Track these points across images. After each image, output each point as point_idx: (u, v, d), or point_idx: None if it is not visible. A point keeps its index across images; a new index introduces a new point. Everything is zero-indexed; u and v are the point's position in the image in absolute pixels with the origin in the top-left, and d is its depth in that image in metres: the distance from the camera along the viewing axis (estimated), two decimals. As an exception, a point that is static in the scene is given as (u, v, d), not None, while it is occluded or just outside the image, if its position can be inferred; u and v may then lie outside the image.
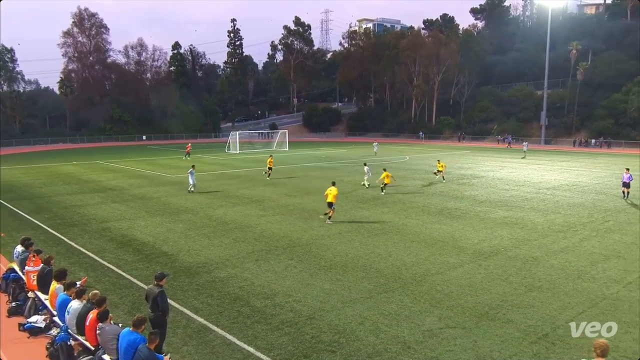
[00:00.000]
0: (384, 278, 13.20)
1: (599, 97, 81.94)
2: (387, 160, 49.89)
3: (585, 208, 23.34)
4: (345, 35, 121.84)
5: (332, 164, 45.54)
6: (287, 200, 25.48)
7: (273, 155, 37.74)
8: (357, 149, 69.53)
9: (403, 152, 63.42)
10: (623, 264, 14.32)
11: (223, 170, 41.14)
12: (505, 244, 16.59)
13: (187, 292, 12.35)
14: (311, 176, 35.88)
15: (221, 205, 24.11)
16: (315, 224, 19.73)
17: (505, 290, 12.24)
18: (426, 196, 26.84)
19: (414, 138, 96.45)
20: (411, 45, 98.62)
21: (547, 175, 36.75)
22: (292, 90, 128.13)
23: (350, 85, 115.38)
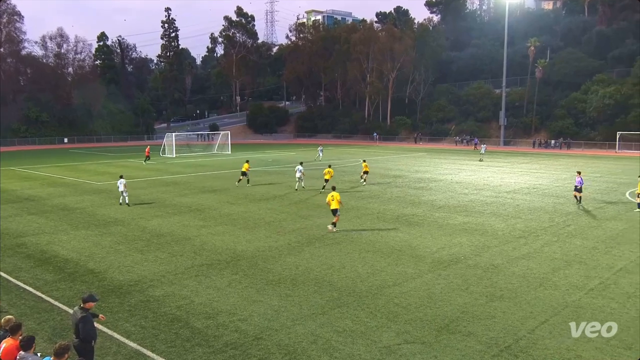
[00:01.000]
0: (337, 292, 13.27)
1: (558, 96, 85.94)
2: (340, 164, 50.29)
3: (546, 212, 24.34)
4: (293, 28, 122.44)
5: (280, 168, 45.46)
6: (230, 209, 25.22)
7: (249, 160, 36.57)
8: (307, 151, 69.74)
9: (356, 154, 64.13)
10: (585, 270, 15.02)
11: (157, 176, 40.26)
12: (465, 252, 17.06)
13: (117, 314, 11.97)
14: (256, 182, 35.67)
15: (156, 216, 23.57)
16: (261, 235, 19.60)
17: (465, 301, 12.57)
18: (382, 202, 27.23)
19: (368, 139, 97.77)
20: (364, 39, 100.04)
21: (507, 178, 38.10)
22: (234, 87, 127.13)
23: (298, 83, 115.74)
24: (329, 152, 65.90)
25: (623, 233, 19.82)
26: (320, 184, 32.27)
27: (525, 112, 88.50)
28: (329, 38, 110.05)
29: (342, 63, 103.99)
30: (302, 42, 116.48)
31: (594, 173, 41.92)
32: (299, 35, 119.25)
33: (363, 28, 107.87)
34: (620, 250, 17.22)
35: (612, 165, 48.34)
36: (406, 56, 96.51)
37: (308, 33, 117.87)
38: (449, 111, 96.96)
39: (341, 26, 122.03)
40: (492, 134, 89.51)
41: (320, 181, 32.89)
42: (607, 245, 17.83)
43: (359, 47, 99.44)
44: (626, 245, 17.81)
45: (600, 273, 14.72)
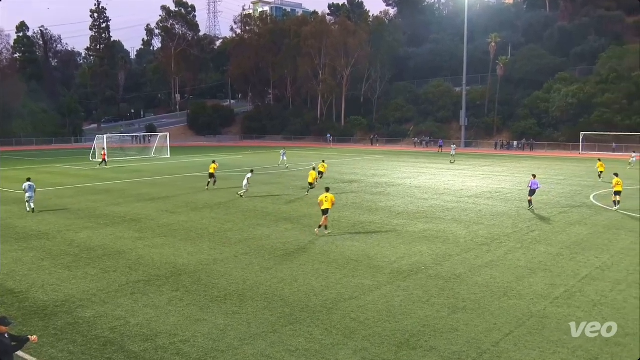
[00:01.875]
0: (289, 307, 13.24)
1: (520, 94, 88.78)
2: (291, 167, 50.27)
3: (510, 217, 25.06)
4: (238, 20, 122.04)
5: (225, 173, 45.06)
6: (169, 219, 24.81)
7: (216, 160, 37.48)
8: (255, 154, 69.45)
9: (308, 157, 64.25)
10: (550, 278, 15.53)
11: (87, 183, 39.21)
12: (426, 261, 17.34)
13: (41, 339, 11.55)
14: (199, 188, 35.24)
15: (85, 227, 22.93)
16: (205, 246, 19.36)
17: (427, 314, 12.77)
18: (336, 209, 27.35)
19: (321, 141, 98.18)
20: (315, 33, 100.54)
21: (468, 182, 39.01)
22: (173, 84, 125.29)
23: (244, 80, 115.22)
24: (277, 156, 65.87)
25: (588, 238, 20.61)
26: (293, 190, 32.16)
27: (487, 112, 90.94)
28: (277, 31, 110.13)
29: (292, 58, 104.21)
30: (249, 35, 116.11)
31: (557, 176, 43.48)
32: (244, 28, 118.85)
33: (314, 21, 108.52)
34: (585, 256, 17.89)
35: (575, 168, 50.28)
36: (361, 51, 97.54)
37: (255, 26, 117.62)
38: (407, 111, 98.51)
39: (291, 18, 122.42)
40: (452, 135, 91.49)
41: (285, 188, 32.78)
42: (572, 252, 18.49)
43: (311, 42, 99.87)
44: (591, 251, 18.52)
45: (565, 281, 15.25)
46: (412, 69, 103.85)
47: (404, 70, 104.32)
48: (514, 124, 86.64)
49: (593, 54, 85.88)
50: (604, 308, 13.05)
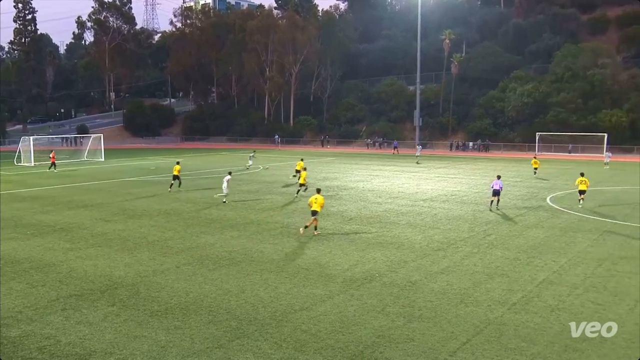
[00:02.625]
0: (236, 320, 13.14)
1: (475, 94, 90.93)
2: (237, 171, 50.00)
3: (466, 221, 25.59)
4: (178, 13, 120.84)
5: (166, 178, 44.38)
6: (104, 227, 24.25)
7: (180, 162, 38.42)
8: (198, 157, 68.67)
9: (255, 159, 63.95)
10: (507, 283, 15.93)
11: (11, 189, 37.94)
12: (380, 268, 17.51)
13: (-40, 363, 11.10)
14: (136, 194, 34.60)
15: (10, 238, 22.16)
16: (143, 257, 19.01)
17: (381, 324, 12.88)
18: (286, 214, 27.35)
19: (269, 142, 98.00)
20: (262, 28, 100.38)
21: (423, 185, 39.66)
22: (107, 81, 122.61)
23: (185, 77, 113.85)
24: (221, 158, 65.35)
25: (545, 241, 21.25)
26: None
27: (442, 112, 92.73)
28: (221, 25, 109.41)
29: (237, 55, 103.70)
30: (190, 29, 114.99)
31: (514, 177, 44.69)
32: (185, 22, 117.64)
33: (261, 15, 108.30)
34: (542, 260, 18.44)
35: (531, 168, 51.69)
36: (310, 48, 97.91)
37: (196, 19, 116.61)
38: (359, 110, 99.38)
39: (235, 12, 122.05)
40: (406, 135, 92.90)
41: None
42: (529, 255, 19.03)
43: (257, 37, 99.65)
44: (548, 255, 19.10)
45: (522, 286, 15.67)
46: (364, 66, 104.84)
47: (355, 67, 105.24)
48: (469, 124, 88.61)
49: (548, 52, 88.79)
50: (561, 313, 13.47)
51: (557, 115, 79.18)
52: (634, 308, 13.77)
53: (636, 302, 14.20)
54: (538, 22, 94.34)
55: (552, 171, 49.90)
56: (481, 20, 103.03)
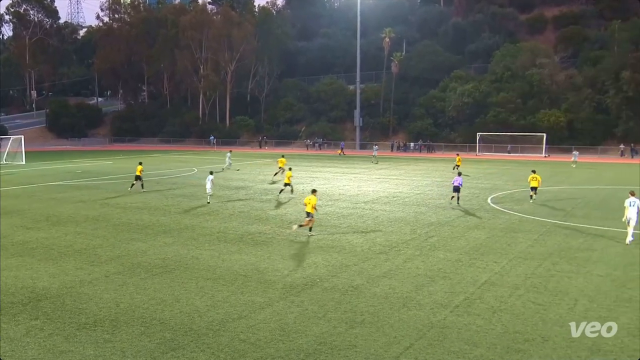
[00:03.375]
0: (170, 331, 12.92)
1: (415, 93, 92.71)
2: (170, 174, 49.23)
3: (408, 223, 26.01)
4: (105, 7, 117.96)
5: (93, 182, 43.30)
6: (25, 235, 23.40)
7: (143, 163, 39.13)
8: (128, 159, 67.25)
9: (189, 162, 63.18)
10: (449, 285, 16.27)
11: None
12: (321, 273, 17.57)
13: None
14: (60, 199, 33.58)
15: None
16: (69, 266, 18.45)
17: (323, 330, 12.93)
18: (222, 218, 27.10)
19: (204, 144, 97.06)
20: (195, 23, 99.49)
21: (364, 187, 40.08)
22: (28, 79, 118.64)
23: (114, 74, 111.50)
24: (154, 161, 64.29)
25: (486, 243, 21.83)
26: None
27: (382, 112, 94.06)
28: (151, 20, 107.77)
29: (170, 51, 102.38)
30: (118, 24, 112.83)
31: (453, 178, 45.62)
32: (113, 16, 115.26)
33: (194, 10, 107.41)
34: (484, 261, 18.93)
35: (473, 169, 53.09)
36: (247, 45, 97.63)
37: (125, 13, 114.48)
38: (298, 110, 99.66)
39: (167, 6, 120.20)
40: (347, 135, 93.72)
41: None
42: (471, 257, 19.50)
43: (190, 33, 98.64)
44: (490, 256, 19.63)
45: (464, 288, 16.04)
46: (302, 64, 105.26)
47: (294, 66, 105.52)
48: (410, 124, 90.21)
49: (488, 51, 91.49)
50: (503, 314, 13.86)
51: (497, 115, 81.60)
52: (574, 307, 14.30)
53: (576, 301, 14.76)
54: (477, 21, 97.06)
55: (493, 171, 51.34)
56: (421, 19, 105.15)
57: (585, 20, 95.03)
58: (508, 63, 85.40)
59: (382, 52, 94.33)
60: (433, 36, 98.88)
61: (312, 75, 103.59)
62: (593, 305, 14.40)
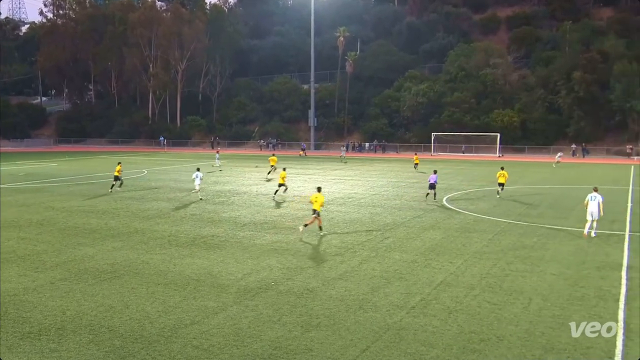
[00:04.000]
0: (120, 339, 12.71)
1: (370, 93, 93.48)
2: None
3: (363, 224, 26.18)
4: (49, 3, 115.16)
5: (37, 184, 42.26)
6: (-35, 242, 22.69)
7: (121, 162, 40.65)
8: (74, 161, 65.87)
9: (138, 163, 62.27)
10: (405, 287, 16.44)
11: None
12: (276, 276, 17.54)
13: None
14: (3, 203, 32.64)
15: None
16: (12, 273, 17.96)
17: (278, 334, 12.91)
18: (174, 222, 26.80)
19: (154, 144, 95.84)
20: (144, 21, 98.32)
21: (319, 188, 40.17)
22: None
23: (59, 73, 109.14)
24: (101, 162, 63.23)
25: (441, 243, 22.15)
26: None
27: (337, 112, 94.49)
28: (98, 17, 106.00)
29: (118, 49, 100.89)
30: (63, 20, 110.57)
31: (410, 179, 46.27)
32: (57, 12, 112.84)
33: (143, 7, 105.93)
34: (440, 262, 19.20)
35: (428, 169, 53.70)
36: (198, 43, 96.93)
37: (70, 9, 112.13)
38: (251, 110, 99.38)
39: (114, 3, 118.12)
40: (301, 136, 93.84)
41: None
42: (427, 258, 19.75)
43: (139, 30, 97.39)
44: (445, 256, 19.92)
45: (420, 289, 16.24)
46: (255, 63, 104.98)
47: (246, 65, 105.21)
48: (365, 124, 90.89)
49: (442, 51, 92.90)
50: (459, 314, 14.08)
51: (452, 115, 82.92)
52: (528, 306, 14.63)
53: (530, 300, 15.10)
54: (432, 20, 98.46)
55: (448, 172, 52.10)
56: (376, 18, 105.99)
57: (538, 21, 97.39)
58: (462, 63, 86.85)
59: (336, 52, 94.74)
60: (387, 35, 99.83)
61: (265, 74, 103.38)
62: (547, 304, 14.76)
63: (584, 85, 75.72)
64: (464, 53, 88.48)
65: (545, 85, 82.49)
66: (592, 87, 76.37)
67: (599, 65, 77.01)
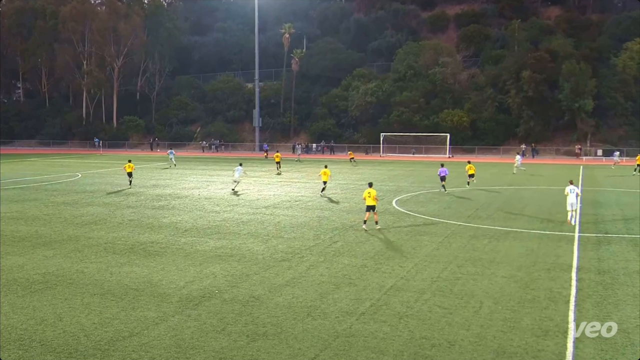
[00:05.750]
0: (52, 354, 12.40)
1: (317, 92, 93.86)
2: (50, 180, 47.31)
3: (311, 228, 26.23)
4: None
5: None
6: None
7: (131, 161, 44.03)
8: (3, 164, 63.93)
9: (72, 166, 60.91)
10: (355, 292, 16.54)
11: None
12: (220, 284, 17.41)
13: None
14: None
15: None
16: None
17: (222, 345, 12.81)
18: (110, 227, 26.32)
19: (88, 146, 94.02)
20: (77, 15, 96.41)
21: (264, 191, 40.11)
22: None
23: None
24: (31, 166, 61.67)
25: (391, 246, 22.39)
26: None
27: (283, 111, 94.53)
28: (27, 11, 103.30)
29: (48, 45, 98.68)
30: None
31: (358, 180, 46.61)
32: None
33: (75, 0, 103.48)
34: (390, 266, 19.39)
35: (377, 171, 54.40)
36: (135, 39, 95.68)
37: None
38: (192, 109, 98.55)
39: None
40: (245, 137, 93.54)
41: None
42: (377, 262, 19.92)
43: (71, 25, 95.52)
44: (395, 260, 20.13)
45: (370, 294, 16.36)
46: (197, 61, 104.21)
47: (187, 62, 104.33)
48: (312, 124, 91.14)
49: (390, 49, 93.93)
50: (410, 320, 14.25)
51: (401, 115, 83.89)
52: (479, 310, 14.91)
53: (481, 303, 15.40)
54: (380, 18, 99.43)
55: (397, 173, 52.72)
56: (322, 14, 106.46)
57: (487, 19, 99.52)
58: (411, 61, 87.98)
59: (281, 49, 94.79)
60: (335, 33, 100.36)
61: (207, 72, 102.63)
62: (498, 307, 15.08)
63: (533, 85, 77.78)
64: (412, 51, 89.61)
65: (495, 85, 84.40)
66: (541, 87, 78.55)
67: (548, 64, 79.25)
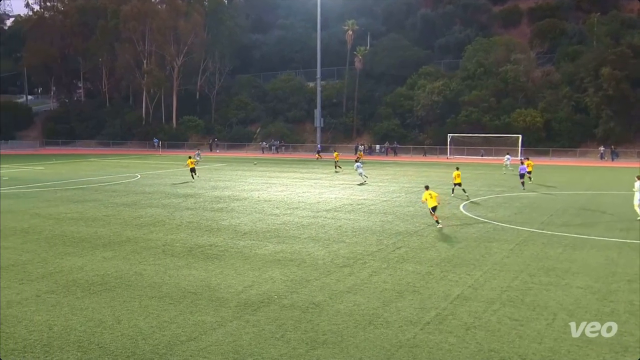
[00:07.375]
0: (110, 356, 12.70)
1: (381, 91, 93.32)
2: (110, 181, 48.54)
3: (374, 233, 26.09)
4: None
5: (20, 190, 42.38)
6: (-55, 251, 22.75)
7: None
8: (62, 164, 66.07)
9: (131, 167, 62.36)
10: (419, 301, 16.37)
11: None
12: (279, 289, 17.50)
13: None
14: (-14, 210, 32.79)
15: None
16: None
17: (281, 352, 12.87)
18: (168, 229, 26.80)
19: (148, 147, 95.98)
20: (137, 14, 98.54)
21: (326, 193, 40.12)
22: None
23: (46, 70, 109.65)
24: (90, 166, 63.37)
25: (458, 253, 22.04)
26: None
27: (345, 111, 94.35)
28: (89, 10, 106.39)
29: (109, 45, 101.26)
30: (51, 13, 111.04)
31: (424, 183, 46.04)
32: (45, 4, 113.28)
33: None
34: (457, 274, 19.11)
35: (444, 174, 53.64)
36: (195, 38, 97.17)
37: (59, 2, 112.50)
38: (252, 109, 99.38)
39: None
40: (306, 137, 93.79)
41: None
42: (442, 270, 19.66)
43: (132, 24, 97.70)
44: (462, 268, 19.82)
45: (436, 303, 16.15)
46: (257, 59, 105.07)
47: (248, 61, 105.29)
48: (375, 124, 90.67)
49: (459, 46, 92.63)
50: (477, 331, 13.99)
51: (470, 115, 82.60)
52: (552, 322, 14.51)
53: (555, 316, 14.98)
54: (448, 13, 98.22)
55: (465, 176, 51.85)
56: (387, 10, 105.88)
57: (563, 13, 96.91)
58: (481, 59, 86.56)
59: (344, 46, 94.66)
60: (400, 29, 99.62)
61: (268, 71, 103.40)
62: (573, 320, 14.65)
63: (613, 83, 75.33)
64: (482, 48, 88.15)
65: (571, 83, 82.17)
66: (622, 85, 76.00)
67: (630, 60, 76.64)
